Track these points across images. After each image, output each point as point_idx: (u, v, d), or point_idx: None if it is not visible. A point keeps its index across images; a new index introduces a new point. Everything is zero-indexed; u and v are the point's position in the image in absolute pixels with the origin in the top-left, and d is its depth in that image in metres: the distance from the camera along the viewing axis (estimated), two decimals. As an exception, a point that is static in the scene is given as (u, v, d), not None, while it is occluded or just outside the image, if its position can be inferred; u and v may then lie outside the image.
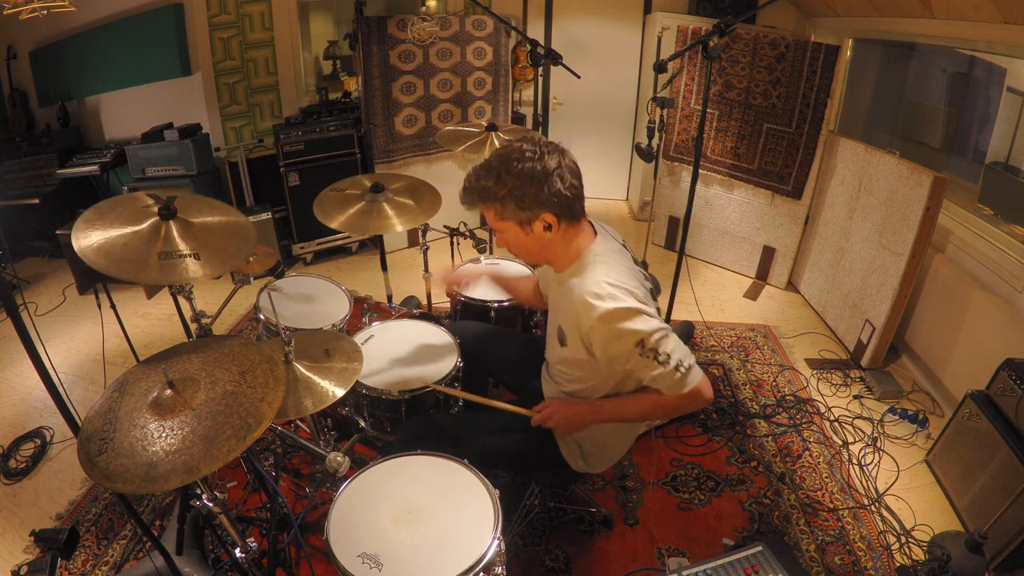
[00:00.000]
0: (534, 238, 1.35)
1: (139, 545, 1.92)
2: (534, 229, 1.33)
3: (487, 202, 1.32)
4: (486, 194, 1.31)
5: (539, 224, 1.32)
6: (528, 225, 1.33)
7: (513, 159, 1.28)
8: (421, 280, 2.55)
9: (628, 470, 2.25)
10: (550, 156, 1.29)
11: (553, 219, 1.31)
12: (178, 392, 1.10)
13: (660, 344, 1.28)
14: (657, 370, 1.29)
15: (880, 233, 2.80)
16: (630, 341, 1.28)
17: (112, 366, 2.75)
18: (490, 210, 1.34)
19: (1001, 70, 2.76)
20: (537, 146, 1.29)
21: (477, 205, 1.35)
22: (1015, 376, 1.90)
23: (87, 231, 1.32)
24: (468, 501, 1.32)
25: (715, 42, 2.09)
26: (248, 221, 1.56)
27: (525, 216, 1.31)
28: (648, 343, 1.27)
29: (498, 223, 1.35)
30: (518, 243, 1.38)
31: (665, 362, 1.28)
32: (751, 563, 1.47)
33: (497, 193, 1.29)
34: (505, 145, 1.34)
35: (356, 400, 1.89)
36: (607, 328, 1.28)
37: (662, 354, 1.28)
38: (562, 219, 1.33)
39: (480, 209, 1.36)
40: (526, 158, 1.27)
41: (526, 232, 1.34)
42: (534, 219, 1.31)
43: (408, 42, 3.55)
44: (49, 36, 3.71)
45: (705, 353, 3.00)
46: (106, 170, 3.58)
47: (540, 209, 1.30)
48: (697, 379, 1.33)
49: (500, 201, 1.30)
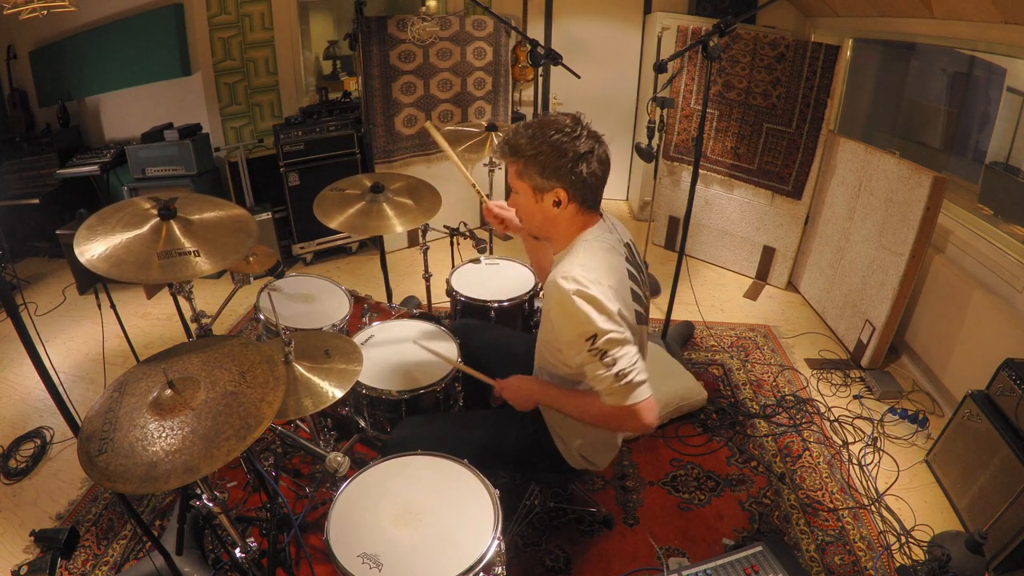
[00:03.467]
0: (541, 208, 1.38)
1: (139, 545, 1.92)
2: (544, 200, 1.36)
3: (514, 156, 1.36)
4: (516, 149, 1.35)
5: (551, 196, 1.35)
6: (540, 193, 1.36)
7: (552, 128, 1.31)
8: (421, 280, 2.55)
9: (628, 470, 2.25)
10: (586, 140, 1.32)
11: (565, 197, 1.34)
12: (178, 392, 1.10)
13: (610, 346, 1.26)
14: (599, 371, 1.28)
15: (880, 233, 2.80)
16: (582, 333, 1.27)
17: (112, 366, 2.75)
18: (513, 165, 1.38)
19: (1001, 70, 2.76)
20: (579, 127, 1.33)
21: (505, 155, 1.38)
22: (1015, 376, 1.90)
23: (90, 241, 1.32)
24: (468, 501, 1.32)
25: (715, 42, 2.10)
26: (248, 213, 1.56)
27: (541, 183, 1.34)
28: (599, 340, 1.26)
29: (516, 181, 1.39)
30: (526, 207, 1.41)
31: (610, 365, 1.27)
32: (751, 563, 1.48)
33: (525, 152, 1.33)
34: (553, 114, 1.38)
35: (356, 400, 1.89)
36: (564, 311, 1.29)
37: (609, 356, 1.26)
38: (573, 200, 1.35)
39: (507, 160, 1.40)
40: (564, 132, 1.31)
41: (536, 199, 1.37)
42: (548, 190, 1.34)
43: (408, 42, 3.55)
44: (49, 36, 3.71)
45: (705, 353, 3.00)
46: (106, 170, 3.58)
47: (557, 183, 1.33)
48: (640, 398, 1.29)
49: (525, 160, 1.34)
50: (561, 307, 1.29)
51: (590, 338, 1.26)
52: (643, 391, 1.30)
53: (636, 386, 1.28)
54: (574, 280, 1.27)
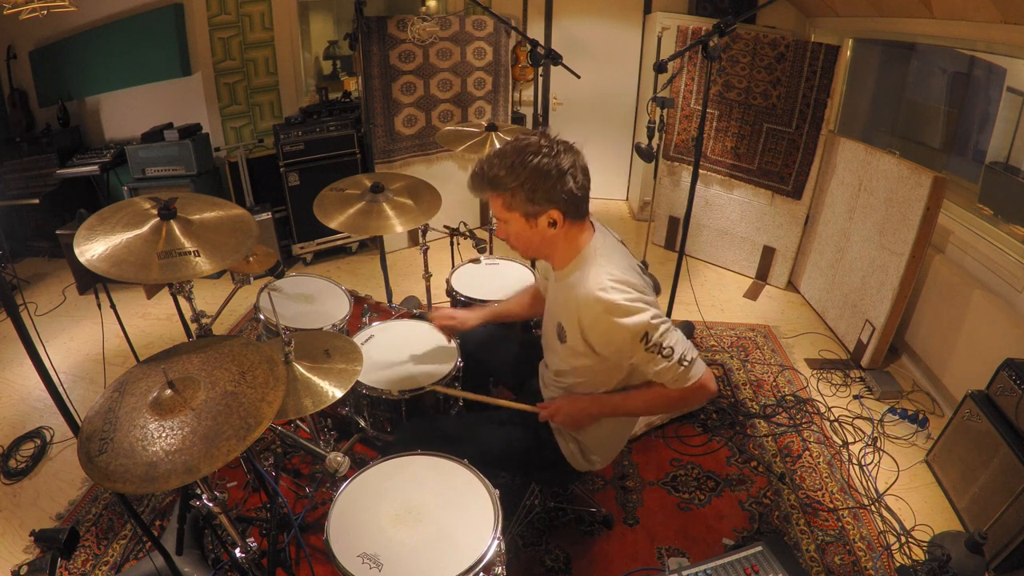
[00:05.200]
0: (537, 232, 1.36)
1: (139, 545, 1.92)
2: (539, 224, 1.34)
3: (496, 191, 1.33)
4: (496, 183, 1.31)
5: (544, 219, 1.33)
6: (534, 219, 1.34)
7: (529, 152, 1.28)
8: (421, 280, 2.55)
9: (628, 470, 2.25)
10: (565, 154, 1.30)
11: (559, 216, 1.32)
12: (178, 392, 1.10)
13: (664, 338, 1.29)
14: (661, 364, 1.31)
15: (880, 233, 2.80)
16: (634, 335, 1.29)
17: (112, 366, 2.75)
18: (498, 199, 1.34)
19: (1001, 70, 2.76)
20: (552, 143, 1.30)
21: (486, 192, 1.35)
22: (1015, 376, 1.90)
23: (90, 241, 1.32)
24: (468, 501, 1.32)
25: (715, 42, 2.10)
26: (248, 213, 1.56)
27: (532, 210, 1.32)
28: (652, 337, 1.29)
29: (503, 213, 1.36)
30: (519, 235, 1.39)
31: (669, 356, 1.30)
32: (751, 563, 1.47)
33: (508, 184, 1.30)
34: (520, 137, 1.34)
35: (356, 400, 1.89)
36: (610, 322, 1.29)
37: (666, 348, 1.29)
38: (567, 217, 1.34)
39: (487, 197, 1.36)
40: (542, 153, 1.28)
41: (531, 225, 1.35)
42: (540, 214, 1.32)
43: (408, 42, 3.55)
44: (49, 36, 3.71)
45: (705, 353, 3.00)
46: (106, 170, 3.58)
47: (549, 205, 1.31)
48: (700, 372, 1.35)
49: (510, 192, 1.31)
50: (609, 319, 1.29)
51: (643, 338, 1.28)
52: (700, 365, 1.35)
53: (694, 363, 1.33)
54: (612, 289, 1.28)
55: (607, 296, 1.27)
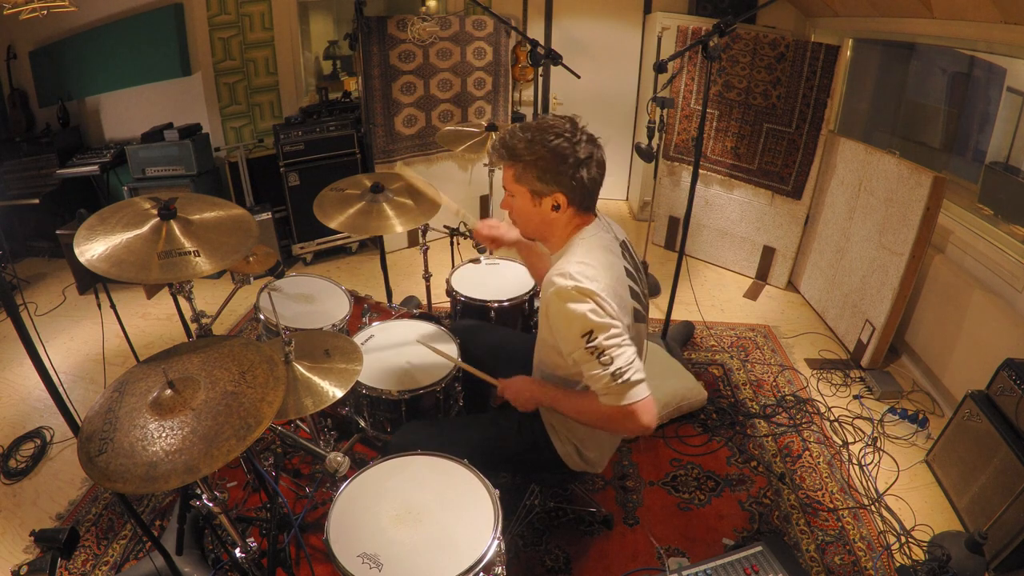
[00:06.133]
0: (539, 212, 1.37)
1: (139, 545, 1.92)
2: (543, 204, 1.36)
3: (511, 160, 1.34)
4: (513, 153, 1.33)
5: (549, 200, 1.35)
6: (539, 198, 1.35)
7: (551, 133, 1.30)
8: (421, 280, 2.55)
9: (628, 470, 2.25)
10: (586, 144, 1.31)
11: (564, 201, 1.34)
12: (178, 392, 1.10)
13: (608, 345, 1.25)
14: (596, 370, 1.27)
15: (880, 233, 2.80)
16: (578, 329, 1.26)
17: (112, 366, 2.75)
18: (510, 169, 1.36)
19: (1001, 70, 2.76)
20: (577, 130, 1.32)
21: (502, 159, 1.37)
22: (1015, 376, 1.90)
23: (90, 241, 1.32)
24: (468, 501, 1.32)
25: (715, 42, 2.10)
26: (248, 214, 1.56)
27: (540, 188, 1.33)
28: (596, 338, 1.25)
29: (512, 184, 1.38)
30: (522, 210, 1.40)
31: (606, 364, 1.25)
32: (751, 563, 1.48)
33: (524, 156, 1.32)
34: (549, 116, 1.37)
35: (356, 400, 1.89)
36: (561, 308, 1.28)
37: (606, 356, 1.25)
38: (572, 204, 1.35)
39: (502, 164, 1.38)
40: (564, 137, 1.30)
41: (535, 203, 1.37)
42: (547, 195, 1.34)
43: (408, 42, 3.55)
44: (49, 36, 3.71)
45: (705, 353, 3.00)
46: (106, 170, 3.58)
47: (556, 188, 1.32)
48: (636, 398, 1.27)
49: (523, 164, 1.33)
50: (558, 304, 1.28)
51: (586, 335, 1.26)
52: (640, 391, 1.28)
53: (633, 385, 1.27)
54: (571, 277, 1.27)
55: (564, 279, 1.27)
